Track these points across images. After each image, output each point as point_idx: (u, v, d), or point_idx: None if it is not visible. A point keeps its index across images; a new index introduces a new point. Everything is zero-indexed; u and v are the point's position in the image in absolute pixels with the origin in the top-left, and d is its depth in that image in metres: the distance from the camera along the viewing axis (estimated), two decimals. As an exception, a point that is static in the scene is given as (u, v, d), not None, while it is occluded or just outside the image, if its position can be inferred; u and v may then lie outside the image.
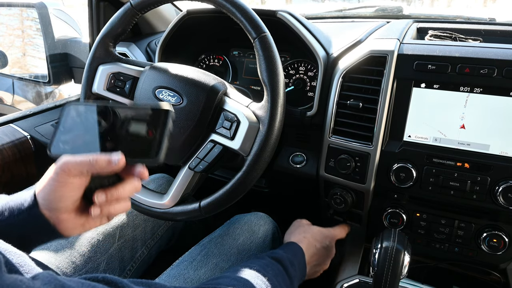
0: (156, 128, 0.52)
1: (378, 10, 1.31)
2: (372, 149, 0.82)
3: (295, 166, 0.98)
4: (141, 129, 0.52)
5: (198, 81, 0.76)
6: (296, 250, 0.80)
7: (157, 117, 0.52)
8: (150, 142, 0.51)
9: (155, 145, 0.51)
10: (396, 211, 0.86)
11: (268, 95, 0.71)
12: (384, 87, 0.80)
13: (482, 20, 1.10)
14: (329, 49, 0.96)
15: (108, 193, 0.51)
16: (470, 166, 0.75)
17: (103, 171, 0.49)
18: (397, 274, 0.65)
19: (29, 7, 1.54)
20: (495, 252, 0.78)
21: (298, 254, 0.80)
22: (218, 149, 0.74)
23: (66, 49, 1.40)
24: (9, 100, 2.07)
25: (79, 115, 0.53)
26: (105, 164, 0.48)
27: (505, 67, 0.71)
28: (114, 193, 0.52)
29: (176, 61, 0.90)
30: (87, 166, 0.48)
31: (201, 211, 0.74)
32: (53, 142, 0.52)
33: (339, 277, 0.87)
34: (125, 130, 0.52)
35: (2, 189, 0.95)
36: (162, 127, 0.51)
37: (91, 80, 0.85)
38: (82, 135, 0.53)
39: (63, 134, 0.53)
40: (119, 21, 0.82)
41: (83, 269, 0.79)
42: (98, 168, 0.48)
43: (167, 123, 0.52)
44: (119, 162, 0.48)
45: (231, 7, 0.72)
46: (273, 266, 0.71)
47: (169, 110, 0.52)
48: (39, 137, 1.05)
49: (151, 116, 0.52)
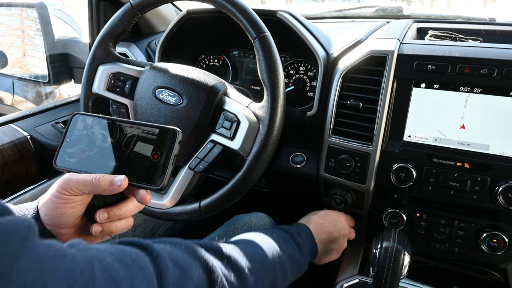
0: (162, 151, 0.50)
1: (378, 10, 1.31)
2: (372, 149, 0.82)
3: (295, 166, 0.98)
4: (146, 149, 0.51)
5: (198, 81, 0.76)
6: (302, 227, 0.80)
7: (164, 139, 0.51)
8: (154, 166, 0.50)
9: (159, 171, 0.50)
10: (396, 211, 0.86)
11: (268, 95, 0.71)
12: (384, 87, 0.80)
13: (482, 20, 1.10)
14: (329, 49, 0.96)
15: (110, 212, 0.51)
16: (470, 166, 0.75)
17: (105, 193, 0.48)
18: (397, 274, 0.65)
19: (29, 7, 1.54)
20: (495, 252, 0.78)
21: (304, 229, 0.79)
22: (218, 149, 0.74)
23: (66, 49, 1.40)
24: (9, 100, 2.06)
25: (85, 127, 0.53)
26: (107, 185, 0.48)
27: (505, 67, 0.71)
28: (116, 212, 0.52)
29: (176, 61, 0.90)
30: (89, 186, 0.48)
31: (201, 211, 0.74)
32: (59, 154, 0.52)
33: (339, 277, 0.87)
34: (131, 149, 0.51)
35: (2, 189, 0.95)
36: (168, 151, 0.50)
37: (91, 80, 0.85)
38: (87, 149, 0.52)
39: (69, 146, 0.52)
40: (119, 21, 0.82)
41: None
42: (99, 189, 0.48)
43: (173, 147, 0.50)
44: (121, 185, 0.48)
45: (231, 7, 0.72)
46: (279, 232, 0.72)
47: (177, 132, 0.51)
48: (39, 137, 1.05)
49: (158, 136, 0.51)
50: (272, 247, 0.65)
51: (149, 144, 0.51)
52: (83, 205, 0.50)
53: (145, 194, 0.51)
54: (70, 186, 0.48)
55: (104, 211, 0.51)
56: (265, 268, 0.61)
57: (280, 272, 0.64)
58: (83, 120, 0.53)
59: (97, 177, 0.48)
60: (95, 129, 0.53)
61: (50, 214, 0.49)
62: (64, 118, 1.16)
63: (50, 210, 0.49)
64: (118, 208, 0.52)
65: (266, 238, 0.67)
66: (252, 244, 0.64)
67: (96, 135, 0.52)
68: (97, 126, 0.53)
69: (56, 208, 0.49)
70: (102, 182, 0.48)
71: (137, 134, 0.52)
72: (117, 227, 0.52)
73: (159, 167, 0.50)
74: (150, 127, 0.52)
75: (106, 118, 0.53)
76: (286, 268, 0.66)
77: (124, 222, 0.53)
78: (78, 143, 0.52)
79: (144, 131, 0.52)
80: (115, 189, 0.48)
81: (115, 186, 0.48)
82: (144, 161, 0.51)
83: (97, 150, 0.52)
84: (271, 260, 0.63)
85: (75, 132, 0.53)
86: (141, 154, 0.51)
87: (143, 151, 0.51)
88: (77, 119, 0.53)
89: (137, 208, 0.54)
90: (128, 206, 0.53)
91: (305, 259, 0.73)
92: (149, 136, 0.51)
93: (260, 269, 0.59)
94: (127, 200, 0.53)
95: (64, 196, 0.48)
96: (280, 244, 0.67)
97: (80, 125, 0.53)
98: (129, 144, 0.51)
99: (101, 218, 0.50)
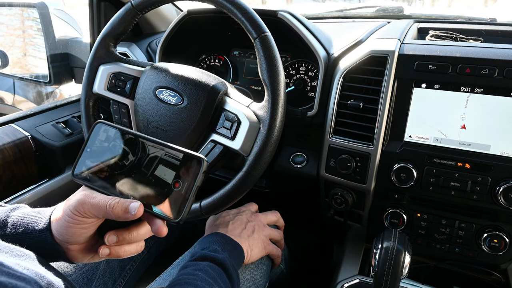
0: (184, 180, 0.46)
1: (379, 10, 1.31)
2: (373, 149, 0.82)
3: (296, 166, 0.98)
4: (168, 175, 0.47)
5: (199, 81, 0.76)
6: (214, 236, 0.75)
7: (188, 166, 0.47)
8: (174, 196, 0.46)
9: (178, 202, 0.46)
10: (397, 211, 0.86)
11: (268, 95, 0.71)
12: (384, 87, 0.80)
13: (483, 20, 1.10)
14: (330, 49, 0.96)
15: (120, 236, 0.49)
16: (470, 166, 0.75)
17: (119, 219, 0.46)
18: (398, 275, 0.65)
19: (30, 7, 1.55)
20: (495, 253, 0.78)
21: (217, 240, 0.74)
22: (218, 149, 0.74)
23: (67, 49, 1.40)
24: (10, 100, 2.07)
25: (107, 139, 0.50)
26: (121, 213, 0.46)
27: (505, 67, 0.71)
28: (126, 237, 0.49)
29: (177, 61, 0.90)
30: (103, 211, 0.46)
31: (202, 211, 0.74)
32: (77, 165, 0.50)
33: (340, 277, 0.87)
34: (151, 172, 0.48)
35: (3, 188, 0.96)
36: (191, 181, 0.46)
37: (92, 80, 0.85)
38: (107, 165, 0.49)
39: (89, 156, 0.50)
40: (120, 21, 0.82)
41: (83, 268, 0.79)
42: (113, 216, 0.46)
43: (197, 177, 0.46)
44: (136, 213, 0.46)
45: (231, 7, 0.72)
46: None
47: (203, 160, 0.46)
48: (40, 137, 1.05)
49: (181, 162, 0.47)
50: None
51: (171, 169, 0.47)
52: (95, 227, 0.49)
53: (162, 226, 0.47)
54: (84, 209, 0.46)
55: (114, 234, 0.48)
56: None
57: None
58: (106, 130, 0.50)
59: (111, 203, 0.46)
60: (117, 143, 0.50)
61: (61, 232, 0.49)
62: (64, 118, 1.16)
63: (61, 228, 0.48)
64: (129, 233, 0.49)
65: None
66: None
67: (117, 149, 0.49)
68: (119, 140, 0.50)
69: (67, 227, 0.48)
70: (116, 210, 0.46)
71: (159, 156, 0.48)
72: (126, 251, 0.50)
73: (179, 198, 0.46)
74: (174, 150, 0.48)
75: (130, 132, 0.50)
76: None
77: (133, 246, 0.51)
78: (98, 155, 0.50)
79: (168, 153, 0.48)
80: (129, 218, 0.46)
81: (130, 214, 0.46)
82: (163, 187, 0.47)
83: (116, 167, 0.49)
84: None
85: (96, 142, 0.50)
86: (161, 179, 0.47)
87: (164, 176, 0.47)
88: (99, 128, 0.50)
89: (149, 234, 0.50)
90: (140, 231, 0.50)
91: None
92: (172, 160, 0.47)
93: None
94: (140, 224, 0.50)
95: (77, 217, 0.47)
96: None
97: (102, 136, 0.50)
98: (150, 166, 0.48)
99: (110, 241, 0.48)
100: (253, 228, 0.80)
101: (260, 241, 0.79)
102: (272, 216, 0.87)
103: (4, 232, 0.51)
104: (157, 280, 0.76)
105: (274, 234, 0.84)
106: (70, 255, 0.51)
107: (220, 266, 0.66)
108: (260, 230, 0.81)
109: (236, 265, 0.70)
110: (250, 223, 0.81)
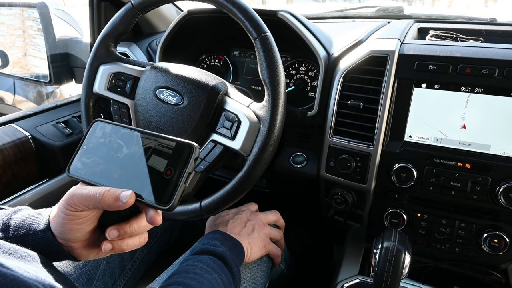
0: (176, 167, 0.47)
1: (379, 10, 1.31)
2: (373, 149, 0.82)
3: (296, 166, 0.98)
4: (160, 164, 0.47)
5: (199, 81, 0.76)
6: (213, 233, 0.76)
7: (180, 154, 0.47)
8: (165, 183, 0.47)
9: (170, 189, 0.46)
10: (397, 211, 0.86)
11: (269, 95, 0.71)
12: (385, 87, 0.80)
13: (483, 20, 1.10)
14: (330, 49, 0.96)
15: (121, 230, 0.48)
16: (471, 166, 0.75)
17: (110, 209, 0.46)
18: (398, 274, 0.65)
19: (30, 7, 1.55)
20: (496, 253, 0.78)
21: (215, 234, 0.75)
22: (219, 149, 0.74)
23: (67, 49, 1.40)
24: (10, 100, 2.07)
25: (104, 135, 0.51)
26: (112, 201, 0.45)
27: (506, 67, 0.71)
28: (127, 230, 0.49)
29: (177, 61, 0.90)
30: (92, 202, 0.45)
31: (202, 211, 0.74)
32: (73, 161, 0.50)
33: (340, 277, 0.87)
34: (144, 162, 0.48)
35: (3, 188, 0.96)
36: (181, 167, 0.46)
37: (92, 80, 0.85)
38: (102, 159, 0.50)
39: (85, 154, 0.51)
40: (120, 21, 0.82)
41: (83, 267, 0.79)
42: (104, 205, 0.45)
43: (188, 163, 0.46)
44: (127, 202, 0.45)
45: (232, 7, 0.72)
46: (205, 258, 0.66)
47: (194, 147, 0.47)
48: (40, 137, 1.05)
49: (174, 150, 0.48)
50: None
51: (164, 158, 0.47)
52: (91, 221, 0.49)
53: (155, 215, 0.47)
54: (74, 201, 0.46)
55: (114, 229, 0.48)
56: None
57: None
58: (102, 127, 0.51)
59: (101, 191, 0.45)
60: (113, 138, 0.50)
61: (59, 229, 0.48)
62: (65, 118, 1.16)
63: (58, 225, 0.48)
64: (129, 226, 0.49)
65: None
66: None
67: (112, 144, 0.50)
68: (114, 135, 0.50)
69: (63, 224, 0.48)
70: (106, 198, 0.45)
71: (153, 146, 0.48)
72: (129, 245, 0.50)
73: (170, 184, 0.46)
74: (167, 140, 0.48)
75: (125, 127, 0.51)
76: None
77: (136, 239, 0.50)
78: (94, 151, 0.50)
79: (161, 143, 0.48)
80: (121, 206, 0.45)
81: (121, 202, 0.45)
82: (156, 176, 0.47)
83: (111, 161, 0.49)
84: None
85: (93, 139, 0.51)
86: (153, 169, 0.48)
87: (157, 165, 0.47)
88: (96, 126, 0.51)
89: (151, 226, 0.50)
90: (141, 222, 0.49)
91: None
92: (165, 149, 0.48)
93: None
94: (140, 216, 0.50)
95: (69, 212, 0.46)
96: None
97: (99, 133, 0.51)
98: (143, 157, 0.48)
99: (111, 235, 0.48)
100: (253, 227, 0.80)
101: (260, 240, 0.79)
102: (272, 215, 0.87)
103: (7, 235, 0.51)
104: (157, 280, 0.76)
105: (274, 233, 0.84)
106: (75, 253, 0.51)
107: (220, 259, 0.66)
108: (260, 229, 0.81)
109: (236, 261, 0.70)
110: (250, 222, 0.81)
